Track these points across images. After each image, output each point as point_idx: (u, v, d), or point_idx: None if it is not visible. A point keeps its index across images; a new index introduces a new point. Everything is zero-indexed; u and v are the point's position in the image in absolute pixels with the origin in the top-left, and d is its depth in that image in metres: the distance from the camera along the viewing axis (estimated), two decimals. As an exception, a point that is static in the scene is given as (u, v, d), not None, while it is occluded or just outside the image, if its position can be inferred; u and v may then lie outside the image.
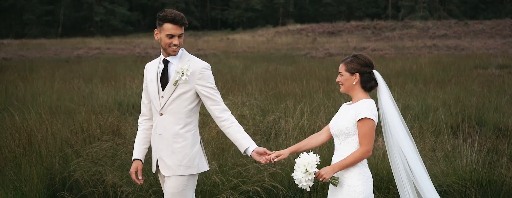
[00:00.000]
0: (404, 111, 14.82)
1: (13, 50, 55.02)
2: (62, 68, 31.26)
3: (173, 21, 6.34)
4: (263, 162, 6.40)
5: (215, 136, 10.25)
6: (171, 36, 6.37)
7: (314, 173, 5.91)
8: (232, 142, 7.25)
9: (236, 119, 11.36)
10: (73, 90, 18.69)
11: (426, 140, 11.57)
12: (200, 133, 9.93)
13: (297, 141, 10.57)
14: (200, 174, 9.20)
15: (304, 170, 5.89)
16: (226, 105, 13.03)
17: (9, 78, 25.02)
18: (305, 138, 7.46)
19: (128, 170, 9.34)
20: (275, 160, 6.33)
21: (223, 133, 6.69)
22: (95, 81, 22.01)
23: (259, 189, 9.28)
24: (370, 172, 6.06)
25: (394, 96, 16.69)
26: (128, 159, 9.58)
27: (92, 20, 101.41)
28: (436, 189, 7.67)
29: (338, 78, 6.11)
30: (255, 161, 9.55)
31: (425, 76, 23.99)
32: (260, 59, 36.99)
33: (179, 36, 6.39)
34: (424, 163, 6.76)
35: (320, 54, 44.14)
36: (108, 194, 9.23)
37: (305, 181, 5.91)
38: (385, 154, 9.82)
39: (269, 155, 6.39)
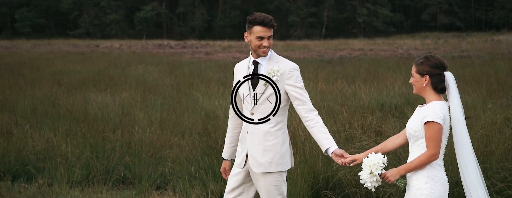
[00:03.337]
0: None
1: (278, 51, 56.44)
2: (325, 69, 31.78)
3: (262, 23, 6.66)
4: (340, 164, 6.51)
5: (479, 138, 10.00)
6: (261, 38, 6.69)
7: (380, 175, 5.98)
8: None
9: (504, 121, 11.07)
10: (336, 91, 18.95)
11: None
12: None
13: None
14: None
15: (369, 171, 5.98)
16: (490, 107, 12.71)
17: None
18: None
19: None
20: (351, 165, 6.45)
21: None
22: (357, 82, 22.15)
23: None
24: (445, 176, 6.04)
25: None
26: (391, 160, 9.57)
27: (355, 22, 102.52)
28: None
29: (410, 80, 6.19)
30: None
31: None
32: (528, 61, 35.68)
33: (268, 38, 6.70)
34: None
35: None
36: (370, 194, 9.30)
37: (370, 182, 6.01)
38: None
39: (346, 158, 6.49)
